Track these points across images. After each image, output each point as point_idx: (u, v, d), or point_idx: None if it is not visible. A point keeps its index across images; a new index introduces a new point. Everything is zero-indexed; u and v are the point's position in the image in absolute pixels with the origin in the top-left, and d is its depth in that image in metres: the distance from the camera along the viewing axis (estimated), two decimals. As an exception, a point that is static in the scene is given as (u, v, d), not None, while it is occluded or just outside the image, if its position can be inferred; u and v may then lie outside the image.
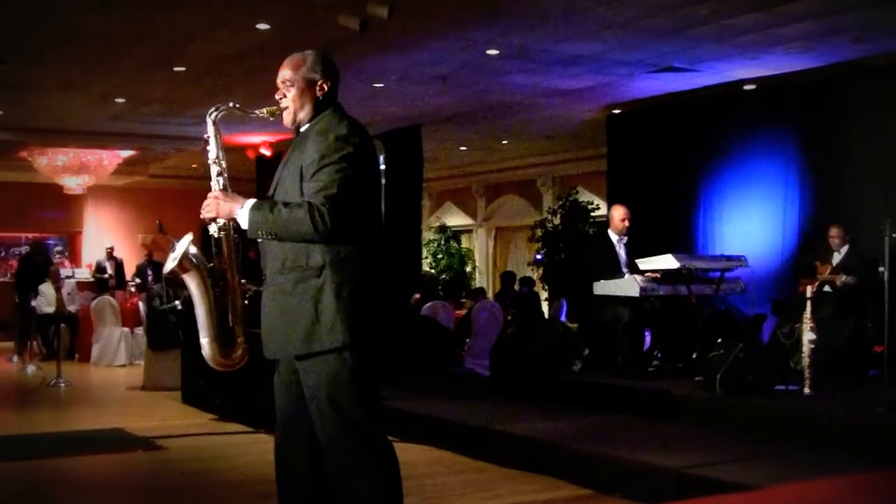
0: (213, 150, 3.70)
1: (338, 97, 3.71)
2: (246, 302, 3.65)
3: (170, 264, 3.58)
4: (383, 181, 14.87)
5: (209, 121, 3.71)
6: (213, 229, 3.61)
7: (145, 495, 6.27)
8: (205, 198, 3.64)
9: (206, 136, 3.71)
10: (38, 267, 14.84)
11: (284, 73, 3.66)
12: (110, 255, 17.68)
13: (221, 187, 3.63)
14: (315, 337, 3.43)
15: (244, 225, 3.50)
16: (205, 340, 3.61)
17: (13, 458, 7.06)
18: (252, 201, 3.50)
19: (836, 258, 9.71)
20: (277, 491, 3.70)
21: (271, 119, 3.73)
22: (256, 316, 3.64)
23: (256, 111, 3.73)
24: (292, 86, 3.63)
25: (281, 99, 3.67)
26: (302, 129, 3.65)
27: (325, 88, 3.65)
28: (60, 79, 11.53)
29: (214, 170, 3.67)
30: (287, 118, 3.66)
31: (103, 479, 6.68)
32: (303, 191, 3.46)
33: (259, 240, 3.54)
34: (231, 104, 3.76)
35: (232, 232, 3.61)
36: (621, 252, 8.88)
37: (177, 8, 8.64)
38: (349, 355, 3.45)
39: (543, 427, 7.07)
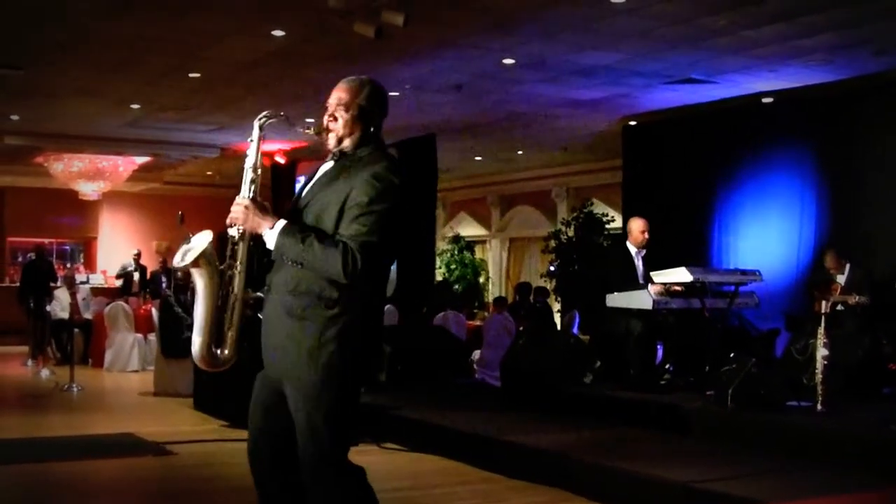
0: (251, 157, 3.62)
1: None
2: (249, 312, 3.62)
3: (182, 258, 3.51)
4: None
5: (256, 125, 3.62)
6: (233, 231, 3.55)
7: (155, 500, 6.30)
8: (222, 204, 3.59)
9: (249, 139, 3.64)
10: (42, 272, 14.87)
11: (341, 96, 3.58)
12: (137, 260, 17.71)
13: (252, 195, 3.56)
14: (311, 365, 3.43)
15: (270, 245, 3.46)
16: (197, 339, 3.56)
17: (26, 461, 7.08)
18: (283, 223, 3.44)
19: (841, 279, 9.74)
20: (257, 494, 3.72)
21: (315, 136, 3.66)
22: (255, 324, 3.64)
23: (301, 128, 3.68)
24: (346, 111, 3.56)
25: (331, 121, 3.59)
26: (346, 153, 3.59)
27: (377, 121, 3.62)
28: (76, 85, 11.59)
29: (249, 176, 3.60)
30: (332, 141, 3.59)
31: (114, 483, 6.70)
32: (338, 223, 3.43)
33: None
34: (282, 114, 3.67)
35: (248, 239, 3.56)
36: (639, 265, 8.85)
37: (192, 14, 8.67)
38: (336, 386, 3.45)
39: (553, 438, 7.04)
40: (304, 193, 3.63)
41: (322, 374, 3.42)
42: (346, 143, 3.59)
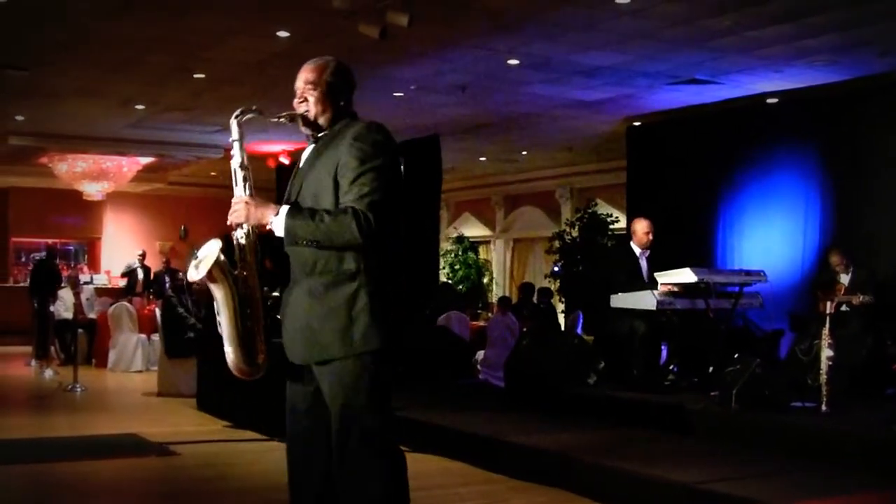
0: (238, 156, 3.59)
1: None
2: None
3: (196, 272, 3.45)
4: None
5: (234, 123, 3.59)
6: (238, 234, 3.51)
7: (158, 500, 6.30)
8: (225, 205, 3.55)
9: (231, 140, 3.61)
10: (52, 272, 14.90)
11: (308, 77, 3.61)
12: (142, 261, 17.74)
13: (248, 193, 3.53)
14: (347, 342, 3.40)
15: (280, 232, 3.42)
16: (230, 349, 3.51)
17: (29, 461, 7.10)
18: (286, 208, 3.43)
19: (845, 279, 9.72)
20: (289, 493, 3.68)
21: (289, 123, 3.66)
22: (275, 323, 3.61)
23: (273, 117, 3.64)
24: (315, 89, 3.59)
25: (302, 102, 3.61)
26: (323, 134, 3.60)
27: (346, 95, 3.65)
28: (80, 85, 11.59)
29: (241, 174, 3.56)
30: (306, 122, 3.61)
31: (117, 483, 6.69)
32: (337, 196, 3.42)
33: (294, 246, 3.48)
34: (254, 108, 3.65)
35: (255, 238, 3.52)
36: (643, 265, 8.84)
37: (196, 15, 8.67)
38: (373, 361, 3.43)
39: (556, 439, 7.04)
40: (292, 183, 3.62)
41: (356, 354, 3.40)
42: (321, 120, 3.61)
